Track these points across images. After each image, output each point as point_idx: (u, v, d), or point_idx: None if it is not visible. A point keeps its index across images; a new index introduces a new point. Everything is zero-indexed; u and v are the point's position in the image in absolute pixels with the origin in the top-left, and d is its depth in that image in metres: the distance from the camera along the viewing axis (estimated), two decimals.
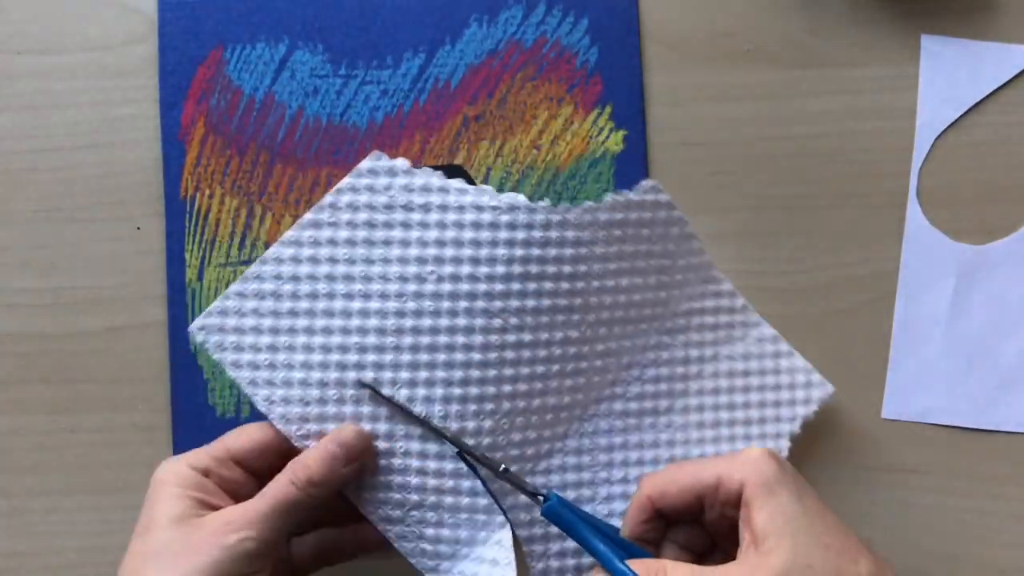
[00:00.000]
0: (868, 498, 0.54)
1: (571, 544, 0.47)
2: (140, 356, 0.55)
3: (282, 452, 0.46)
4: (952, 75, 0.56)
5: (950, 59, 0.56)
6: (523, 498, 0.46)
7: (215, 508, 0.43)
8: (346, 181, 0.45)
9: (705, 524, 0.44)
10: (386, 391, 0.45)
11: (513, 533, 0.45)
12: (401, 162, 0.45)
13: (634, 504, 0.45)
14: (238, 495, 0.45)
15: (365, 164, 0.45)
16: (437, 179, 0.45)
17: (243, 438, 0.46)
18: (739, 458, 0.42)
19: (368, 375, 0.45)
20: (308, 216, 0.45)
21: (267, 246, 0.55)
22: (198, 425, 0.54)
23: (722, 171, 0.56)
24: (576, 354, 0.47)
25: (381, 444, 0.45)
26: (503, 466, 0.45)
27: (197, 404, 0.54)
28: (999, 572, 0.54)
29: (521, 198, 0.45)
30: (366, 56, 0.56)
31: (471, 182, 0.44)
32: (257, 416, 0.54)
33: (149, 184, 0.56)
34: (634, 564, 0.41)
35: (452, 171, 0.55)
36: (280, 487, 0.43)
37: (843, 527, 0.41)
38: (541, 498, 0.44)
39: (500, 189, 0.55)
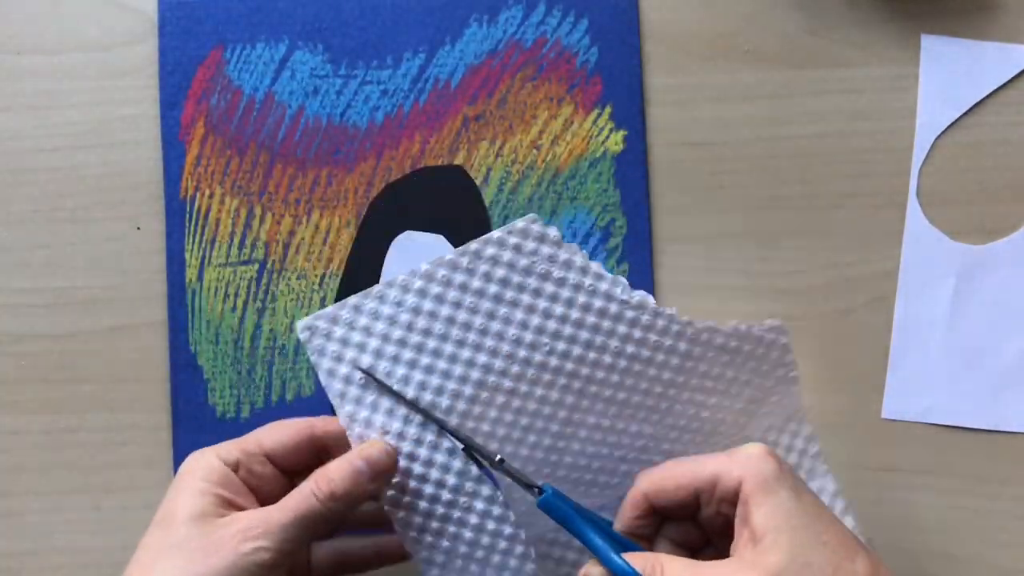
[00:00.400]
0: (868, 498, 0.54)
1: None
2: (140, 356, 0.55)
3: (315, 451, 0.45)
4: (952, 75, 0.56)
5: (950, 59, 0.56)
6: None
7: (238, 507, 0.43)
8: (496, 234, 0.45)
9: (700, 521, 0.44)
10: (462, 437, 0.46)
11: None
12: (553, 231, 0.46)
13: (629, 499, 0.44)
14: (264, 492, 0.44)
15: (520, 224, 0.46)
16: (580, 258, 0.46)
17: (277, 434, 0.45)
18: (737, 455, 0.42)
19: (452, 421, 0.46)
20: (449, 256, 0.46)
21: (267, 246, 0.55)
22: (198, 425, 0.54)
23: (722, 171, 0.56)
24: (642, 447, 0.48)
25: (419, 468, 0.45)
26: (499, 457, 0.45)
27: (197, 404, 0.54)
28: (999, 572, 0.54)
29: (651, 300, 0.46)
30: (366, 56, 0.56)
31: (471, 182, 0.43)
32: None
33: (149, 184, 0.56)
34: (630, 558, 0.41)
35: (451, 171, 0.55)
36: (302, 499, 0.42)
37: (841, 525, 0.41)
38: (537, 490, 0.44)
39: (500, 189, 0.55)
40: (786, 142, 0.56)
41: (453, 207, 0.55)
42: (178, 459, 0.54)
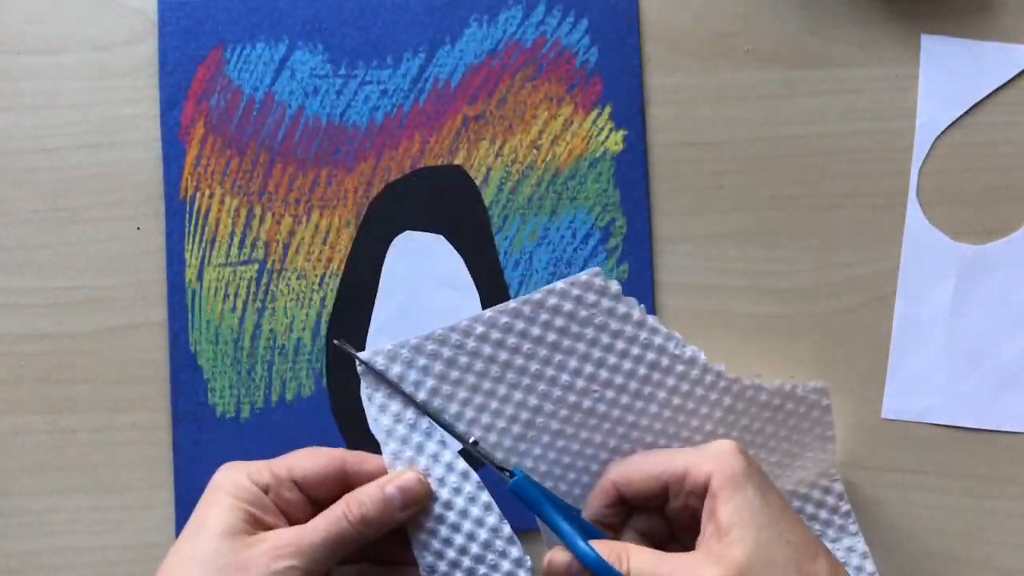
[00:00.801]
0: (868, 498, 0.54)
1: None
2: (140, 356, 0.55)
3: (344, 486, 0.45)
4: (952, 75, 0.56)
5: (950, 59, 0.56)
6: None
7: (267, 526, 0.43)
8: (560, 285, 0.46)
9: (667, 513, 0.45)
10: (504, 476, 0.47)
11: None
12: (614, 285, 0.47)
13: (599, 488, 0.45)
14: (292, 516, 0.44)
15: (583, 276, 0.47)
16: (638, 312, 0.47)
17: (308, 463, 0.45)
18: (708, 450, 0.43)
19: (497, 456, 0.47)
20: (513, 304, 0.46)
21: (267, 246, 0.55)
22: (198, 425, 0.54)
23: (722, 171, 0.56)
24: None
25: (444, 495, 0.46)
26: (472, 439, 0.45)
27: (197, 404, 0.54)
28: (999, 572, 0.54)
29: (702, 356, 0.47)
30: (366, 56, 0.56)
31: (471, 182, 0.44)
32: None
33: (149, 184, 0.56)
34: (597, 545, 0.42)
35: (451, 171, 0.55)
36: (333, 520, 0.42)
37: (804, 526, 0.42)
38: (508, 473, 0.45)
39: (500, 189, 0.55)
40: (786, 142, 0.56)
41: (453, 207, 0.55)
42: (178, 459, 0.54)
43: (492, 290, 0.55)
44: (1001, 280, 0.55)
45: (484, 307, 0.55)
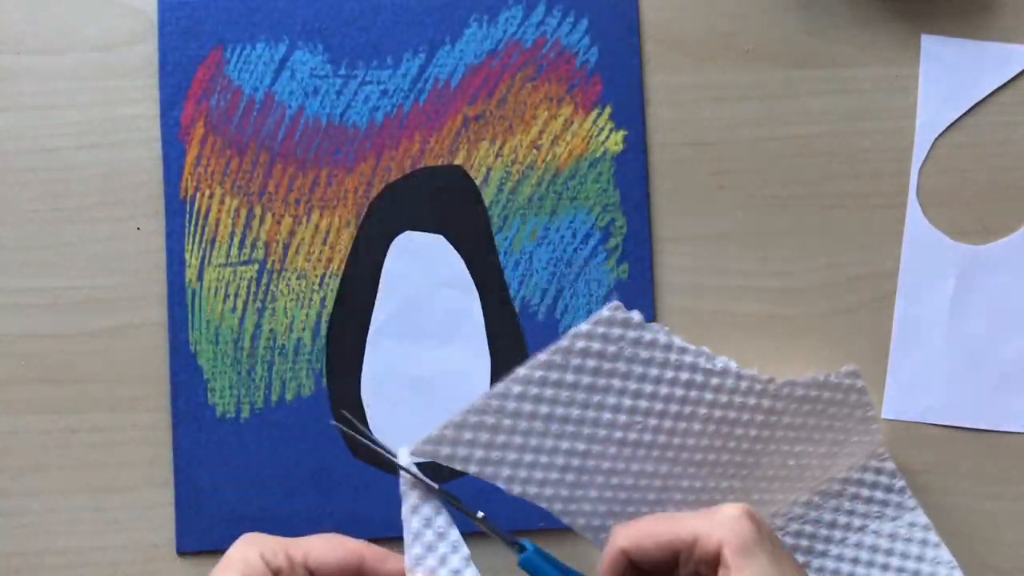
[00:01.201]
0: None
1: None
2: (140, 356, 0.55)
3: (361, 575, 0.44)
4: (952, 75, 0.56)
5: (950, 59, 0.56)
6: None
7: None
8: (584, 327, 0.46)
9: None
10: (567, 522, 0.48)
11: None
12: (636, 315, 0.47)
13: (607, 554, 0.44)
14: None
15: (605, 313, 0.47)
16: (663, 335, 0.47)
17: (325, 552, 0.43)
18: (717, 516, 0.42)
19: (556, 507, 0.47)
20: (543, 357, 0.46)
21: (267, 246, 0.55)
22: (198, 425, 0.54)
23: (722, 171, 0.56)
24: (734, 500, 0.49)
25: None
26: (481, 513, 0.45)
27: (197, 404, 0.54)
28: (999, 572, 0.54)
29: (733, 364, 0.48)
30: (366, 56, 0.56)
31: (471, 182, 0.44)
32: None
33: (149, 184, 0.56)
34: None
35: (451, 171, 0.55)
36: None
37: None
38: (518, 547, 0.44)
39: (500, 189, 0.55)
40: (786, 142, 0.56)
41: (453, 207, 0.55)
42: (178, 459, 0.54)
43: (492, 290, 0.55)
44: (1001, 280, 0.55)
45: (484, 307, 0.55)
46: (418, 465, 0.45)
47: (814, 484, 0.52)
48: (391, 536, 0.53)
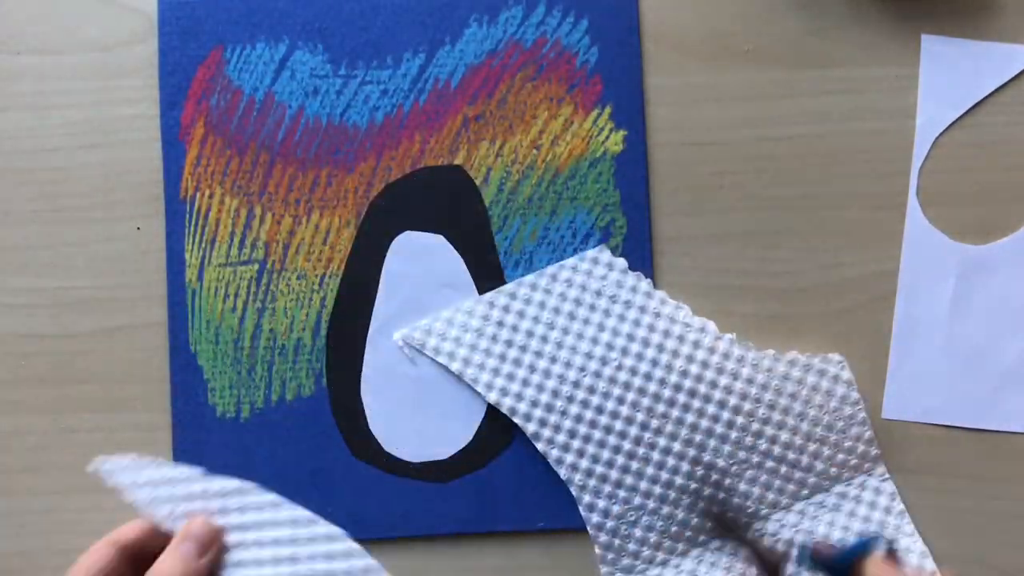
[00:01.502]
0: None
1: None
2: (140, 356, 0.55)
3: (132, 563, 0.44)
4: (952, 75, 0.56)
5: (950, 59, 0.56)
6: None
7: None
8: (570, 261, 0.51)
9: None
10: (540, 447, 0.50)
11: None
12: (621, 261, 0.51)
13: None
14: None
15: (592, 252, 0.51)
16: (645, 284, 0.51)
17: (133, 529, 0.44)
18: None
19: (530, 428, 0.50)
20: (530, 277, 0.51)
21: (267, 246, 0.55)
22: (198, 425, 0.54)
23: (722, 171, 0.56)
24: (715, 482, 0.50)
25: None
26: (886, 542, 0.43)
27: (197, 404, 0.54)
28: (999, 572, 0.54)
29: (711, 324, 0.50)
30: (366, 56, 0.56)
31: (471, 182, 0.46)
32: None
33: (149, 184, 0.56)
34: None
35: (451, 171, 0.55)
36: None
37: None
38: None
39: (500, 189, 0.55)
40: (786, 142, 0.56)
41: (453, 207, 0.55)
42: (178, 459, 0.54)
43: (492, 290, 0.55)
44: (1001, 280, 0.55)
45: None
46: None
47: (807, 492, 0.52)
48: (391, 536, 0.53)
